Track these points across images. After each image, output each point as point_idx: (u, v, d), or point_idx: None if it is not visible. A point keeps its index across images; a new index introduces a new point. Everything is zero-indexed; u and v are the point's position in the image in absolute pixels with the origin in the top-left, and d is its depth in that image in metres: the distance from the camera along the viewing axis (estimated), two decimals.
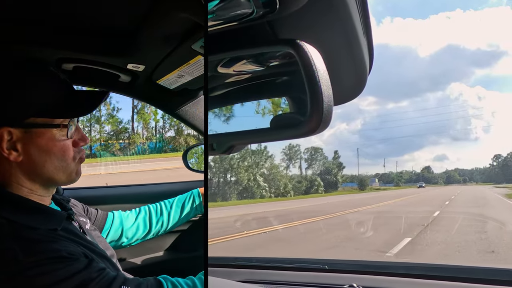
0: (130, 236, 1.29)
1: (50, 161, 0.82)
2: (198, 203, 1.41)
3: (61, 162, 0.83)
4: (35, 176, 0.82)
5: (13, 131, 0.78)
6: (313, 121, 0.53)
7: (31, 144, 0.80)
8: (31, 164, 0.81)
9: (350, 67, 0.65)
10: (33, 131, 0.80)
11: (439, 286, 0.99)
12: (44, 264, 0.69)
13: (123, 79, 1.31)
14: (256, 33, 0.54)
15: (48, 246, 0.72)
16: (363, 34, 0.61)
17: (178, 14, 0.92)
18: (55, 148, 0.82)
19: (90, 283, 0.71)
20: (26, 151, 0.80)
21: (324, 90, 0.52)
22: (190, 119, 1.53)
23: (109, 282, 0.74)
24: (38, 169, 0.82)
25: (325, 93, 0.52)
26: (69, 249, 0.74)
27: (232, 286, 0.93)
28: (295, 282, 1.06)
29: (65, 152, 0.84)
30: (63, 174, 0.85)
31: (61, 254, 0.72)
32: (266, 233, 8.18)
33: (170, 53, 1.14)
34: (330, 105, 0.53)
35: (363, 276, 1.05)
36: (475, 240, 6.72)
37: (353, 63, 0.64)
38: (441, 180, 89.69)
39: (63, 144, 0.83)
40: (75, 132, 0.87)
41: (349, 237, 7.47)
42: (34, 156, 0.81)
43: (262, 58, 0.59)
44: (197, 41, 1.03)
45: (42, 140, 0.81)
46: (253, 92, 0.66)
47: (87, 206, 1.21)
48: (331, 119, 0.55)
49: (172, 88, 1.40)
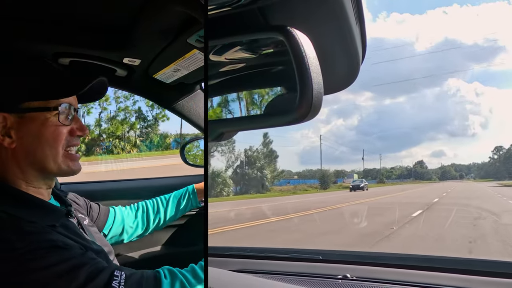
0: (131, 233, 1.30)
1: (41, 147, 0.83)
2: (193, 199, 1.42)
3: (51, 149, 0.84)
4: (27, 164, 0.83)
5: (7, 116, 0.80)
6: (303, 108, 0.53)
7: (24, 130, 0.81)
8: (23, 151, 0.82)
9: (342, 55, 0.65)
10: (27, 116, 0.81)
11: (434, 277, 1.00)
12: (38, 249, 0.70)
13: (119, 73, 1.32)
14: (247, 19, 0.54)
15: (44, 237, 0.74)
16: (356, 22, 0.61)
17: (173, 7, 0.93)
18: (47, 133, 0.83)
19: (83, 267, 0.72)
20: (19, 138, 0.81)
21: (314, 77, 0.53)
22: (186, 113, 1.54)
23: (102, 267, 0.76)
24: (29, 156, 0.82)
25: (314, 80, 0.52)
26: (65, 241, 0.76)
27: (226, 276, 0.94)
28: (289, 272, 1.06)
29: (57, 138, 0.84)
30: (54, 163, 0.85)
31: (56, 244, 0.73)
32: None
33: (166, 47, 1.15)
34: (320, 92, 0.54)
35: (357, 267, 1.05)
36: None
37: (345, 51, 0.64)
38: (435, 176, 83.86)
39: (54, 129, 0.84)
40: (72, 121, 0.88)
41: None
42: (27, 143, 0.81)
43: (254, 46, 0.59)
44: (193, 35, 1.04)
45: (35, 125, 0.81)
46: (247, 81, 0.67)
47: (89, 201, 1.22)
48: (321, 106, 0.55)
49: (169, 82, 1.41)
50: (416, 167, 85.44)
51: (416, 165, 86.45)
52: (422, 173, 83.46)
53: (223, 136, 0.60)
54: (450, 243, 6.07)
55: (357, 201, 15.99)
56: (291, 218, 10.00)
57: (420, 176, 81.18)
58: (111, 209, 1.28)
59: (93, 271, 0.73)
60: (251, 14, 0.53)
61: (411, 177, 79.23)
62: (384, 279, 1.00)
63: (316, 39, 0.55)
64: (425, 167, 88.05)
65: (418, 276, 1.01)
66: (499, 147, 75.12)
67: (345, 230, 7.56)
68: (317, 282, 1.01)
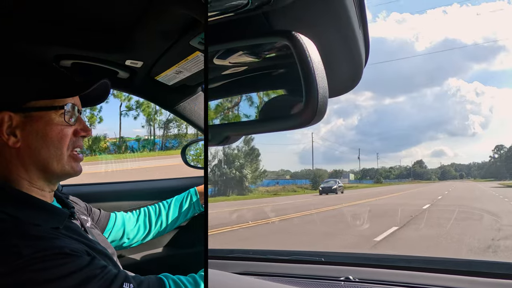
0: (132, 237, 1.30)
1: (46, 147, 0.82)
2: (195, 202, 1.42)
3: (56, 150, 0.83)
4: (31, 164, 0.82)
5: (13, 115, 0.79)
6: (308, 112, 0.53)
7: (29, 129, 0.81)
8: (28, 150, 0.81)
9: (346, 59, 0.66)
10: (32, 115, 0.81)
11: (437, 279, 1.00)
12: (47, 260, 0.69)
13: (121, 76, 1.32)
14: (252, 24, 0.55)
15: (51, 243, 0.72)
16: (359, 26, 0.62)
17: (176, 10, 0.93)
18: (52, 133, 0.82)
19: (93, 280, 0.72)
20: (24, 137, 0.80)
21: (319, 81, 0.53)
22: (188, 115, 1.54)
23: (111, 279, 0.75)
24: (34, 156, 0.82)
25: (320, 84, 0.53)
26: (72, 246, 0.74)
27: (228, 278, 0.94)
28: (292, 274, 1.06)
29: (62, 138, 0.84)
30: (57, 163, 0.84)
31: (64, 250, 0.72)
32: None
33: (168, 49, 1.15)
34: (325, 96, 0.54)
35: (359, 269, 1.05)
36: None
37: (349, 55, 0.65)
38: (435, 176, 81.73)
39: (60, 129, 0.83)
40: (76, 121, 0.87)
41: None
42: (31, 142, 0.81)
43: (258, 50, 0.59)
44: (195, 37, 1.04)
45: (40, 124, 0.81)
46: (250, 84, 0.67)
47: (90, 205, 1.22)
48: (326, 110, 0.56)
49: (171, 84, 1.41)
50: (415, 167, 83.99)
51: (415, 165, 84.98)
52: (421, 173, 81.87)
53: (228, 140, 0.60)
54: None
55: (316, 210, 11.57)
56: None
57: (419, 176, 79.55)
58: (112, 214, 1.28)
59: (102, 285, 0.72)
60: (256, 19, 0.54)
61: (410, 177, 77.55)
62: (387, 281, 1.00)
63: (321, 43, 0.55)
64: (425, 166, 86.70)
65: (421, 278, 1.01)
66: (500, 145, 73.01)
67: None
68: (320, 284, 1.01)
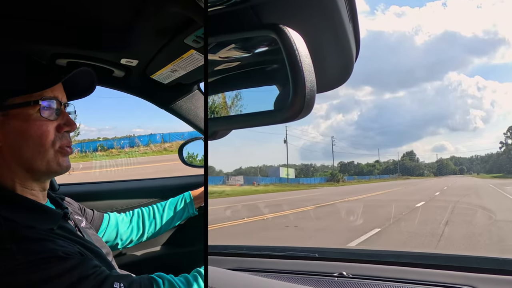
0: (125, 238, 1.30)
1: (26, 145, 0.80)
2: (189, 206, 1.42)
3: (38, 147, 0.81)
4: (16, 164, 0.81)
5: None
6: (295, 106, 0.53)
7: (8, 128, 0.79)
8: (10, 150, 0.80)
9: (336, 53, 0.65)
10: (9, 113, 0.79)
11: (429, 274, 1.00)
12: (40, 263, 0.69)
13: (116, 74, 1.32)
14: (240, 18, 0.55)
15: (45, 246, 0.72)
16: (348, 19, 0.62)
17: (170, 8, 0.93)
18: (31, 130, 0.80)
19: (85, 281, 0.72)
20: (4, 136, 0.79)
21: (307, 75, 0.53)
22: (184, 114, 1.54)
23: (103, 279, 0.75)
24: (16, 155, 0.80)
25: (307, 78, 0.53)
26: (65, 249, 0.74)
27: (222, 274, 0.94)
28: (286, 270, 1.07)
29: (42, 134, 0.81)
30: (41, 161, 0.82)
31: (57, 254, 0.72)
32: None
33: (163, 47, 1.16)
34: (312, 90, 0.54)
35: (353, 264, 1.06)
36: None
37: (338, 48, 0.64)
38: (429, 171, 69.68)
39: (39, 126, 0.80)
40: (59, 115, 0.84)
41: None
42: (12, 141, 0.79)
43: (248, 44, 0.60)
44: (190, 35, 1.05)
45: (17, 122, 0.79)
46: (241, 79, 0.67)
47: (84, 206, 1.22)
48: (314, 104, 0.56)
49: (166, 82, 1.41)
50: (404, 160, 69.59)
51: (404, 158, 70.47)
52: (411, 168, 68.08)
53: (216, 135, 0.60)
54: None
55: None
56: None
57: (408, 171, 66.60)
58: (105, 215, 1.28)
59: (93, 285, 0.73)
60: (244, 13, 0.54)
61: (396, 172, 65.54)
62: (380, 276, 1.00)
63: (309, 37, 0.55)
64: (416, 159, 73.18)
65: (414, 273, 1.01)
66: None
67: None
68: (314, 280, 1.02)
